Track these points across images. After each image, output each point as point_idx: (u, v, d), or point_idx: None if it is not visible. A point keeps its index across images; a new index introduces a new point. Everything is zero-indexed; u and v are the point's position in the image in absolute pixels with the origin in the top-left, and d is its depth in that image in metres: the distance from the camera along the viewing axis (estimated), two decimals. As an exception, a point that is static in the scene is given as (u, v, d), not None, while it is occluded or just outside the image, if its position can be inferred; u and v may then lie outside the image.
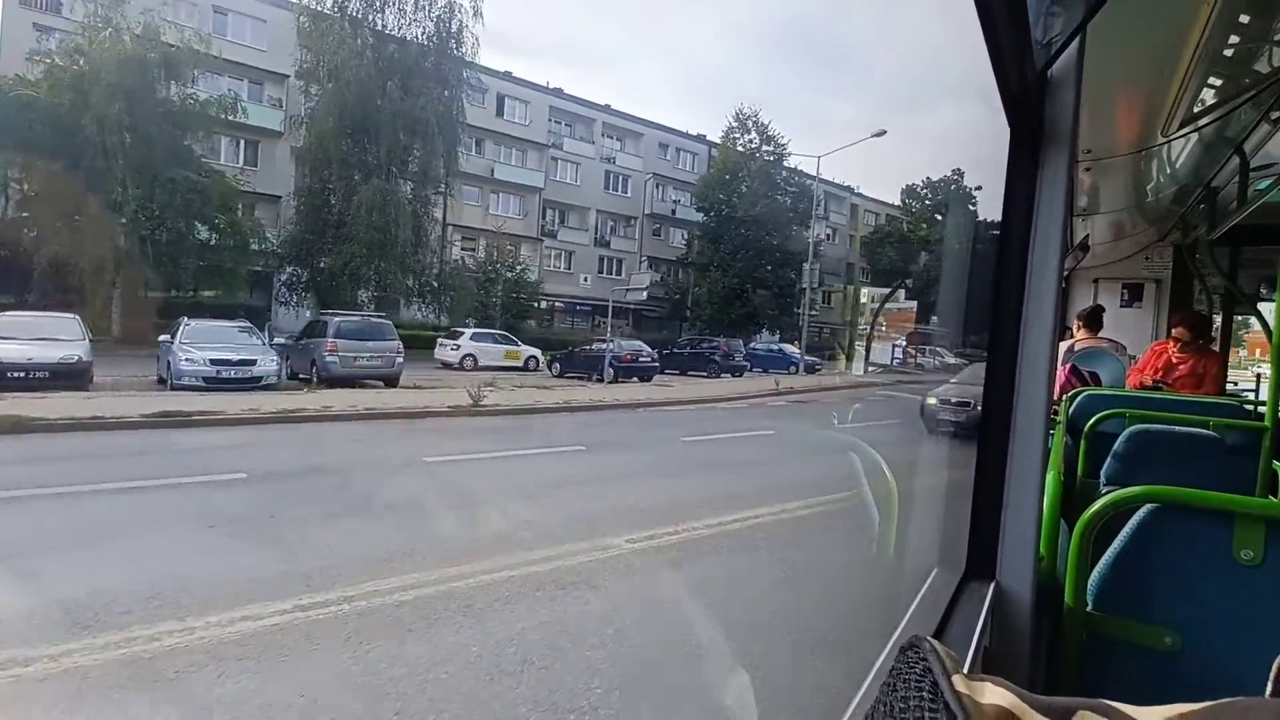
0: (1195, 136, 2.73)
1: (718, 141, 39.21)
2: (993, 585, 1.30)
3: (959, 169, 39.56)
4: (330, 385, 13.75)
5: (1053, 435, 2.33)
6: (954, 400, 11.19)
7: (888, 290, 35.95)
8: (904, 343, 33.92)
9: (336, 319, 14.49)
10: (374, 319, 15.49)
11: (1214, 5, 1.67)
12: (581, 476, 7.92)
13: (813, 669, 3.51)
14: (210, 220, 21.64)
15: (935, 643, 0.41)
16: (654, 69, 69.23)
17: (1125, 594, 1.20)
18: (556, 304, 37.74)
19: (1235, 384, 11.48)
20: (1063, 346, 4.37)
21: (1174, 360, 4.11)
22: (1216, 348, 4.87)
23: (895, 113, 75.50)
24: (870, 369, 30.50)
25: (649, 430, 10.75)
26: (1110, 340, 4.68)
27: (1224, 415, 2.57)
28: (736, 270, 35.50)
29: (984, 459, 1.38)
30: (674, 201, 41.76)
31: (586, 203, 39.57)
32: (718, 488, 7.50)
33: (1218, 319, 5.71)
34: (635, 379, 20.36)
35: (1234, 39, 1.90)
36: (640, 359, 20.54)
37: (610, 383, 18.97)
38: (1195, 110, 2.40)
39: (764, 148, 36.94)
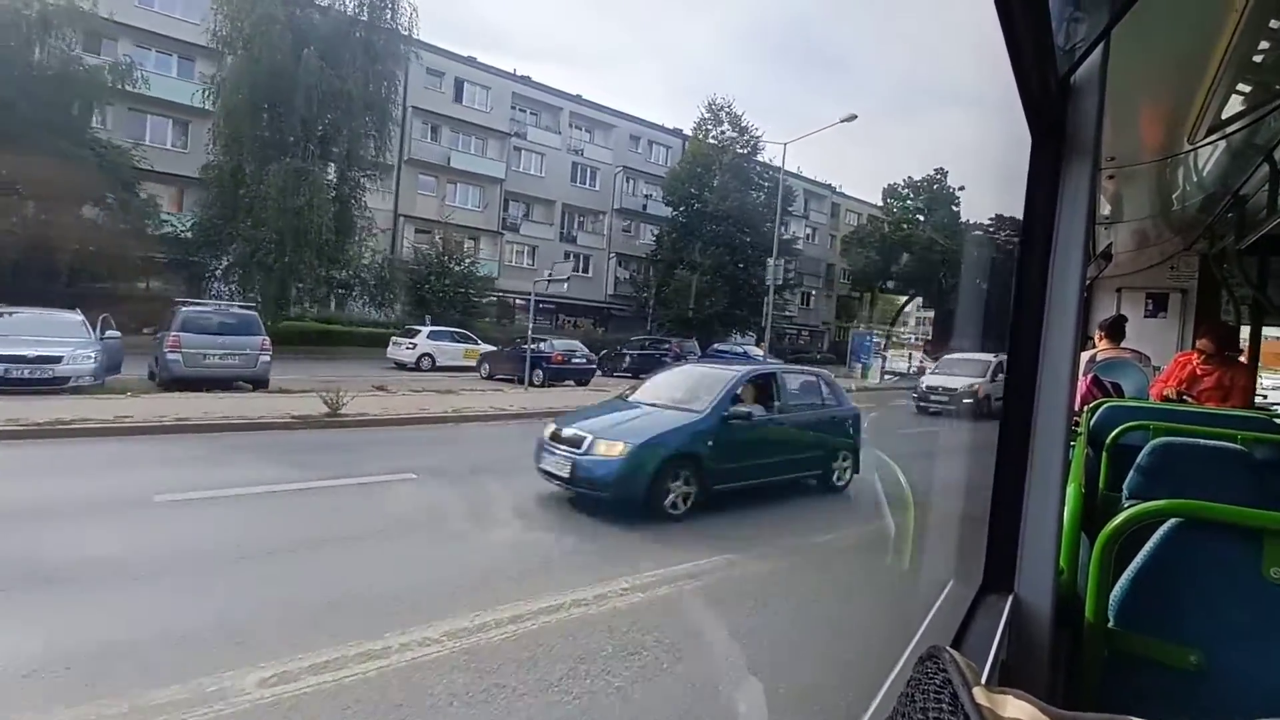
0: (1223, 144, 2.64)
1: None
2: (1011, 598, 1.26)
3: (964, 173, 37.94)
4: (170, 388, 11.45)
5: (1073, 447, 2.06)
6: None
7: (907, 296, 34.35)
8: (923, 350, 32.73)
9: (184, 309, 12.18)
10: (235, 309, 13.20)
11: (1242, 10, 1.63)
12: (355, 528, 5.75)
13: None
14: (100, 200, 19.34)
15: (955, 653, 0.40)
16: (651, 70, 67.31)
17: (1148, 610, 1.15)
18: (518, 301, 35.67)
19: (1264, 396, 9.85)
20: (1084, 357, 4.21)
21: (1199, 372, 3.92)
22: (1244, 359, 4.70)
23: (899, 116, 73.34)
24: (887, 377, 29.07)
25: (525, 448, 8.57)
26: (1133, 351, 4.51)
27: (1252, 429, 2.44)
28: (706, 268, 33.49)
29: (1003, 470, 1.34)
30: (645, 196, 39.76)
31: (551, 195, 37.55)
32: (535, 550, 5.32)
33: (1246, 330, 5.55)
34: (569, 382, 18.18)
35: (1264, 44, 1.83)
36: (573, 360, 18.32)
37: (538, 386, 16.78)
38: (1223, 117, 2.31)
39: (731, 133, 34.92)
